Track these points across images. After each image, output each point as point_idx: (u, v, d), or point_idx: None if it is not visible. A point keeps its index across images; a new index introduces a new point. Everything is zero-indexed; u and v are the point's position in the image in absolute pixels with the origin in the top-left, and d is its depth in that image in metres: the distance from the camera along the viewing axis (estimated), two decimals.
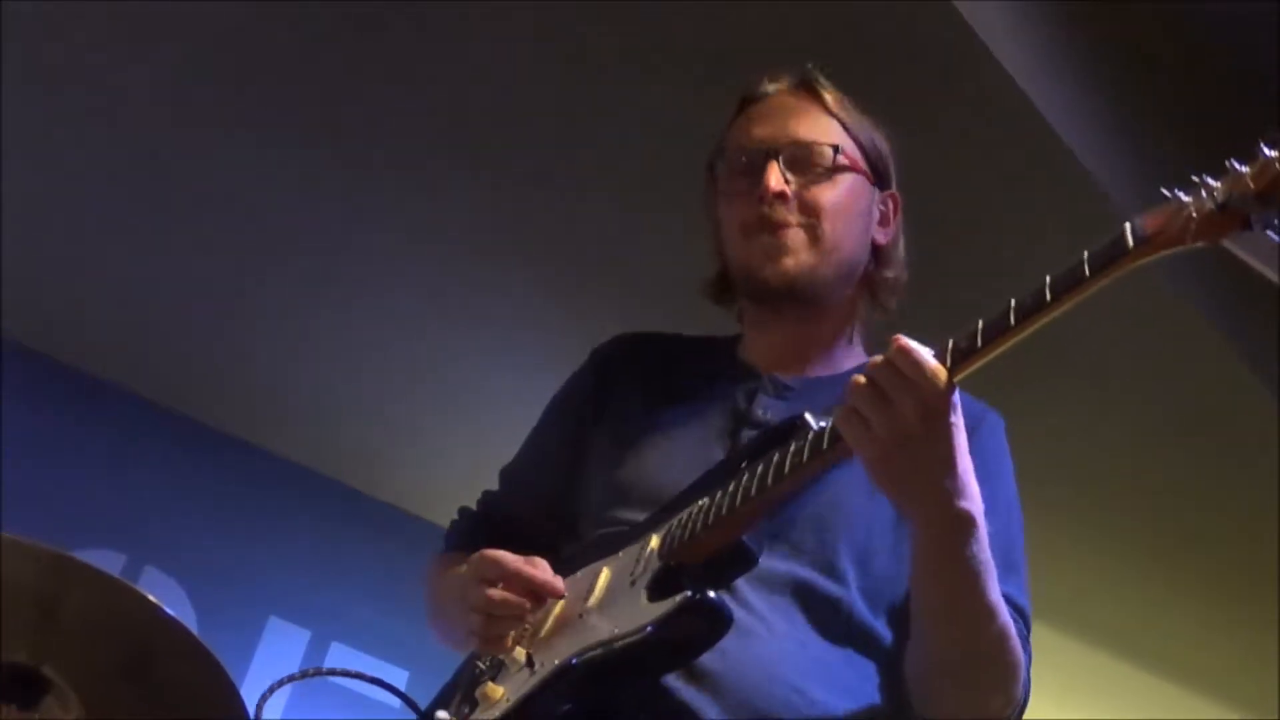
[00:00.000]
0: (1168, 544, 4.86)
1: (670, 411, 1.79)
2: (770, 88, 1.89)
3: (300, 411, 4.95)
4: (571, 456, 1.86)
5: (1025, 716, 1.59)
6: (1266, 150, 1.17)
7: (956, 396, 1.38)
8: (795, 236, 1.75)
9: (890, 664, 1.61)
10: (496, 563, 1.63)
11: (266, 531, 4.95)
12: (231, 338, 4.67)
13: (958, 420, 1.38)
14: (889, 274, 1.86)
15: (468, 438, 4.71)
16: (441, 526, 2.03)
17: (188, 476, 4.88)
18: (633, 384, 1.87)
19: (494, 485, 2.00)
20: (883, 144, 1.89)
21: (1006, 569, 1.54)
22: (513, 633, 1.62)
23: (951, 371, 1.35)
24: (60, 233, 4.27)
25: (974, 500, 1.41)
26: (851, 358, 1.85)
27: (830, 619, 1.59)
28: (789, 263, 1.74)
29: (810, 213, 1.76)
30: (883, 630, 1.62)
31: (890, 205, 1.89)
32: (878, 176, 1.87)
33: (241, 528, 4.90)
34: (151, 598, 1.56)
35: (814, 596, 1.59)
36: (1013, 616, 1.53)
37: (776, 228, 1.75)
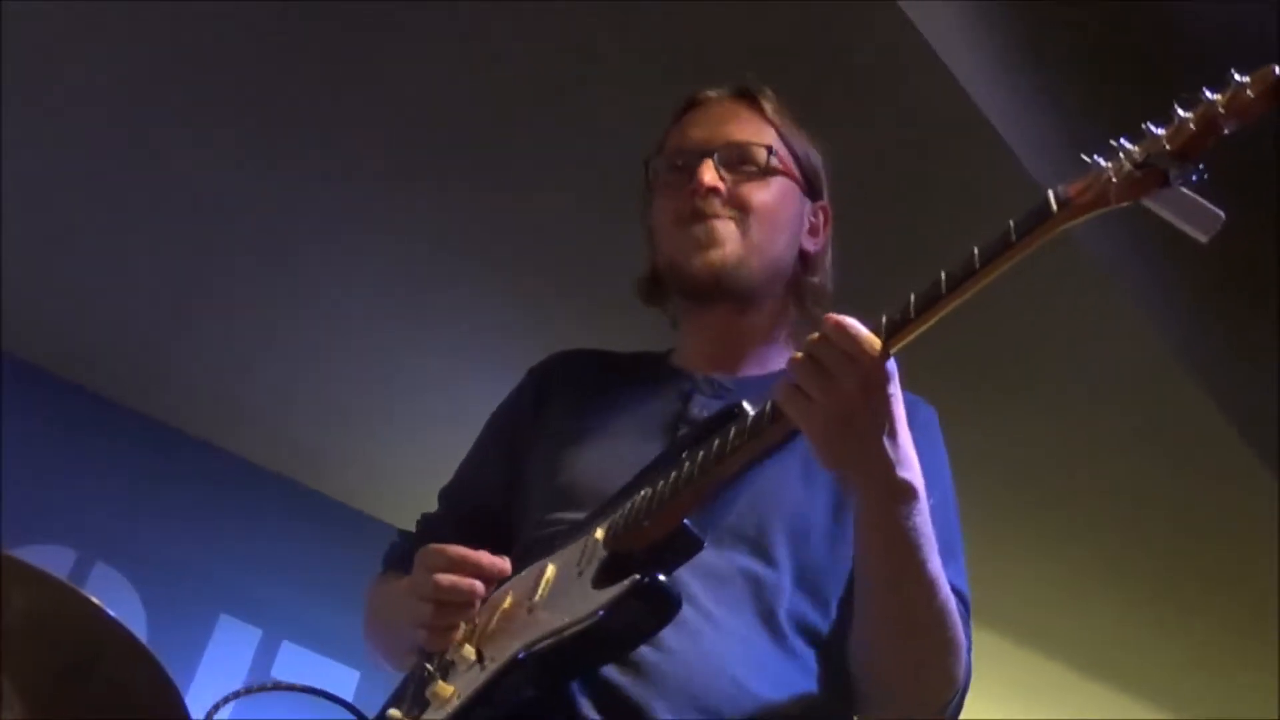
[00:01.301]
0: (1112, 550, 4.92)
1: (608, 418, 1.81)
2: (710, 94, 1.94)
3: (255, 408, 4.92)
4: (510, 473, 1.88)
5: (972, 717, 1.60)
6: (1180, 112, 1.21)
7: (894, 365, 1.40)
8: (725, 229, 1.79)
9: (828, 655, 1.62)
10: (442, 551, 1.65)
11: (219, 529, 4.94)
12: (185, 334, 4.64)
13: (896, 391, 1.41)
14: (815, 280, 1.90)
15: (423, 437, 4.70)
16: (396, 526, 2.02)
17: (140, 473, 4.85)
18: (570, 396, 1.89)
19: (449, 483, 2.01)
20: (816, 157, 1.94)
21: (945, 553, 1.56)
22: (462, 630, 1.62)
23: (886, 342, 1.38)
24: (8, 226, 4.22)
25: (915, 471, 1.44)
26: (783, 358, 1.86)
27: (770, 607, 1.60)
28: (716, 254, 1.78)
29: (741, 208, 1.81)
30: (819, 619, 1.63)
31: (821, 217, 1.93)
32: (810, 187, 1.91)
33: (194, 525, 4.88)
34: (95, 599, 1.54)
35: (755, 585, 1.61)
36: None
37: (707, 219, 1.79)
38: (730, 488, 1.55)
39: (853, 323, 1.38)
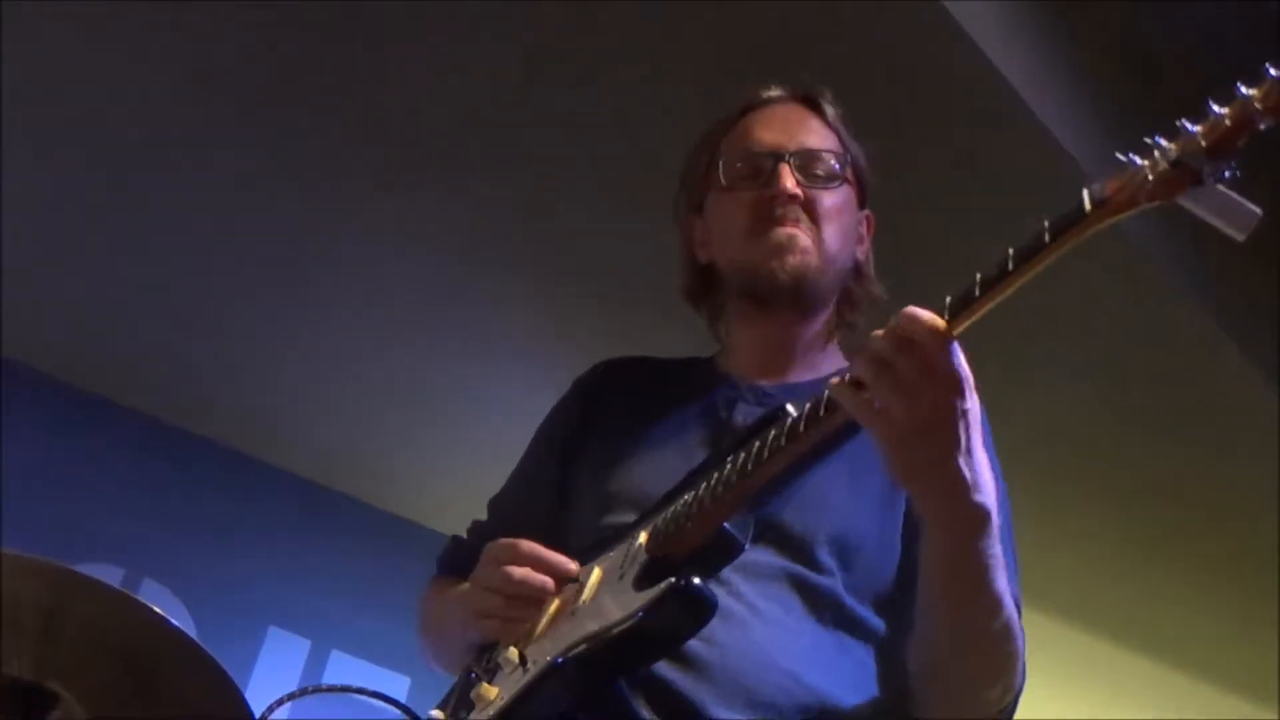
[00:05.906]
0: (1165, 531, 4.88)
1: (654, 426, 1.82)
2: (773, 94, 1.93)
3: (296, 421, 4.94)
4: (558, 484, 1.89)
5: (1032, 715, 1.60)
6: (1215, 109, 1.18)
7: (960, 360, 1.33)
8: (804, 237, 1.79)
9: (884, 652, 1.62)
10: (514, 546, 1.66)
11: (264, 542, 4.96)
12: (227, 349, 4.66)
13: (974, 405, 1.35)
14: (875, 290, 1.90)
15: (463, 445, 4.74)
16: (440, 533, 2.03)
17: (184, 489, 4.88)
18: (616, 406, 1.90)
19: (491, 489, 2.02)
20: (865, 164, 1.92)
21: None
22: (510, 632, 1.64)
23: (951, 322, 1.32)
24: (43, 243, 4.25)
25: (989, 492, 1.40)
26: (830, 363, 1.86)
27: (822, 607, 1.61)
28: (796, 260, 1.77)
29: (814, 217, 1.80)
30: (874, 619, 1.63)
31: (865, 225, 1.93)
32: (862, 195, 1.91)
33: (239, 539, 4.90)
34: (156, 608, 1.57)
35: (804, 586, 1.61)
36: None
37: (788, 225, 1.78)
38: (773, 493, 1.55)
39: (928, 324, 1.31)
